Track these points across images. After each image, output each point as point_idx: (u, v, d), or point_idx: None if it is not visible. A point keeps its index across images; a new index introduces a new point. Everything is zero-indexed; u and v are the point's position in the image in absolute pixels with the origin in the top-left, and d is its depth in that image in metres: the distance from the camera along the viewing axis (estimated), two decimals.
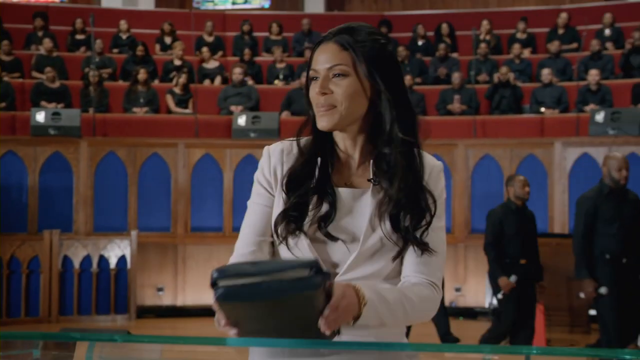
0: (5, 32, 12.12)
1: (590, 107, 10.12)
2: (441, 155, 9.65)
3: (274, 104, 10.89)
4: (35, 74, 11.29)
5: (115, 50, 12.36)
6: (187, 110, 10.72)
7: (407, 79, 11.11)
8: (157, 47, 12.54)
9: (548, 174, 9.53)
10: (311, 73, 1.95)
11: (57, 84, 10.68)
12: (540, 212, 9.49)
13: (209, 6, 16.16)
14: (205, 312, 9.27)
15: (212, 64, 11.91)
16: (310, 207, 1.91)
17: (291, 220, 1.91)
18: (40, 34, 12.09)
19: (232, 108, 10.60)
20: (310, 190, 1.92)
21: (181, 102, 10.83)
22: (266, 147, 2.03)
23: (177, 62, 11.66)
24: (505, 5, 15.07)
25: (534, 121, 10.42)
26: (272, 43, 12.62)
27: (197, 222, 9.64)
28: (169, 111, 10.81)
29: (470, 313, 9.58)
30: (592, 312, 7.56)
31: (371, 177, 1.94)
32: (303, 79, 11.44)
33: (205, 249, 9.51)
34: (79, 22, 12.34)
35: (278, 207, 1.95)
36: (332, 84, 1.91)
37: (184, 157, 9.67)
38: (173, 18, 13.14)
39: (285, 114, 10.56)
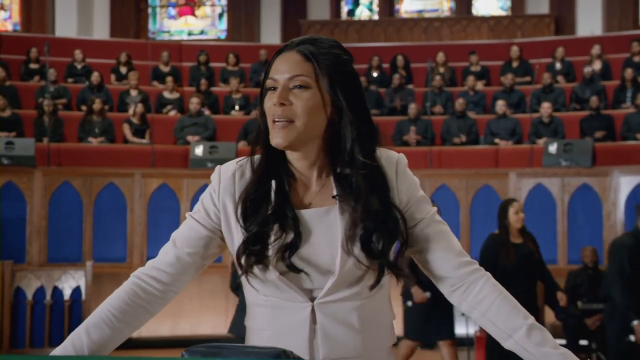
0: None
1: (543, 139, 10.30)
2: None
3: (231, 134, 10.87)
4: None
5: (70, 80, 12.26)
6: (144, 140, 10.65)
7: None
8: (113, 76, 12.46)
9: None
10: (269, 82, 1.81)
11: (8, 113, 10.54)
12: None
13: (165, 37, 16.13)
14: (161, 343, 9.16)
15: (173, 95, 11.85)
16: (272, 236, 1.78)
17: (252, 253, 1.78)
18: None
19: (189, 138, 10.56)
20: (270, 217, 1.78)
21: (138, 132, 10.76)
22: (218, 168, 1.91)
23: (134, 92, 11.60)
24: (458, 38, 15.31)
25: (488, 152, 10.56)
26: (228, 73, 12.63)
27: (154, 253, 9.29)
28: (125, 141, 10.72)
29: None
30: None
31: (335, 193, 1.81)
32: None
33: None
34: (33, 51, 12.22)
35: (237, 239, 1.83)
36: (292, 96, 1.78)
37: (140, 187, 9.59)
38: (129, 48, 13.09)
39: (242, 144, 10.55)
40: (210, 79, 12.41)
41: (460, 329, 7.36)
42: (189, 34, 16.27)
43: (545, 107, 10.75)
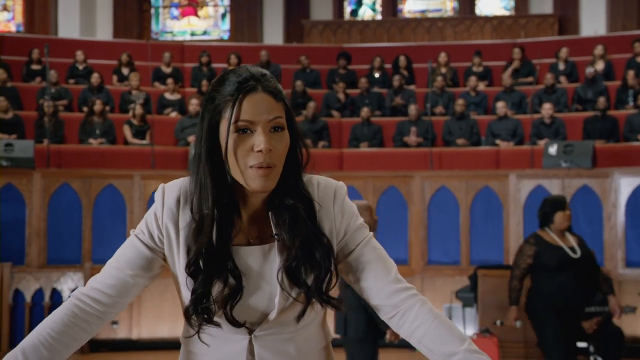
0: None
1: (544, 140, 10.25)
2: (398, 187, 9.71)
3: None
4: None
5: (71, 81, 12.28)
6: (144, 142, 10.65)
7: (365, 111, 11.19)
8: (115, 77, 12.48)
9: (503, 206, 9.62)
10: (243, 125, 1.71)
11: (10, 115, 10.56)
12: (496, 244, 9.58)
13: (168, 37, 16.14)
14: (160, 345, 9.15)
15: (174, 96, 11.86)
16: (215, 290, 1.77)
17: (202, 312, 1.77)
18: None
19: (190, 139, 10.56)
20: (214, 273, 1.75)
21: (139, 133, 10.77)
22: (161, 187, 1.86)
23: (135, 93, 11.61)
24: (461, 38, 15.28)
25: (489, 153, 10.53)
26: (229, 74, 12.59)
27: None
28: (126, 142, 10.73)
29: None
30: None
31: (274, 232, 1.79)
32: None
33: (160, 282, 9.33)
34: (35, 52, 12.24)
35: (180, 270, 1.82)
36: (272, 139, 1.72)
37: (139, 188, 9.59)
38: (131, 49, 13.09)
39: None
40: (211, 80, 12.37)
41: None
42: (192, 34, 16.29)
43: (547, 107, 10.71)
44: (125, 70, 12.46)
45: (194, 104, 10.97)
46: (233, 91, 1.72)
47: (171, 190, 1.84)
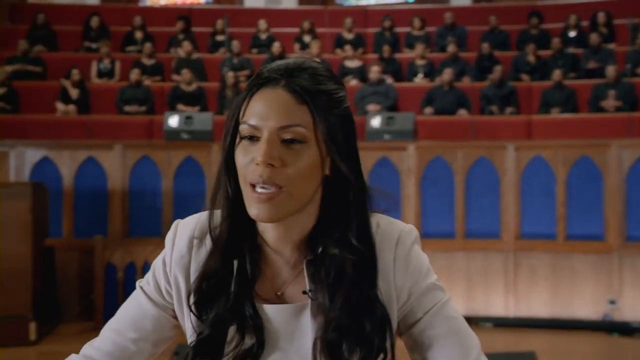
0: (149, 35, 12.29)
1: None
2: (591, 157, 8.91)
3: (413, 102, 10.43)
4: (175, 77, 11.34)
5: (254, 51, 12.26)
6: None
7: (558, 74, 10.38)
8: (296, 46, 12.34)
9: None
10: (246, 129, 1.31)
11: (193, 87, 10.66)
12: None
13: (352, 2, 15.84)
14: None
15: (354, 63, 11.57)
16: (229, 339, 1.34)
17: (206, 358, 1.35)
18: (181, 36, 12.15)
19: (370, 107, 10.22)
20: (226, 315, 1.34)
21: None
22: (174, 225, 1.47)
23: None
24: None
25: None
26: (413, 39, 12.14)
27: None
28: None
29: (627, 329, 8.76)
30: None
31: (307, 288, 1.35)
32: (445, 76, 11.07)
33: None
34: (219, 23, 12.32)
35: (190, 327, 1.40)
36: (283, 153, 1.29)
37: None
38: (313, 16, 12.92)
39: (428, 110, 10.11)
40: (394, 45, 11.98)
41: None
42: None
43: None
44: (306, 38, 12.29)
45: (374, 71, 10.61)
46: (248, 85, 1.33)
47: (184, 229, 1.45)
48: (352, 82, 11.23)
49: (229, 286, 1.35)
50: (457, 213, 9.01)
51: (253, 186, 1.29)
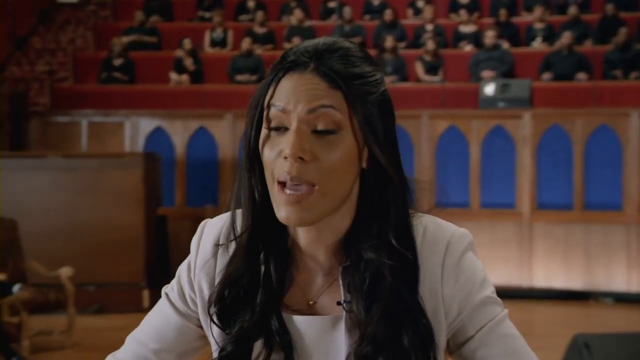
0: (261, 3, 12.27)
1: None
2: None
3: (530, 68, 10.02)
4: (286, 45, 11.29)
5: (366, 17, 12.07)
6: (435, 78, 10.18)
7: None
8: (410, 11, 12.06)
9: None
10: (273, 114, 1.15)
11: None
12: None
13: None
14: None
15: (469, 27, 11.21)
16: (254, 356, 1.19)
17: None
18: (292, 4, 12.07)
19: (484, 74, 9.89)
20: (251, 329, 1.18)
21: (431, 69, 10.32)
22: (202, 225, 1.31)
23: (429, 27, 11.12)
24: None
25: None
26: (532, 1, 11.65)
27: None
28: (418, 79, 10.34)
29: None
30: None
31: (342, 299, 1.18)
32: (564, 40, 10.58)
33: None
34: None
35: (211, 340, 1.27)
36: (314, 145, 1.12)
37: (427, 129, 9.16)
38: None
39: (546, 76, 9.69)
40: (511, 8, 11.53)
41: None
42: None
43: None
44: (420, 3, 11.98)
45: (490, 36, 10.25)
46: (273, 70, 1.17)
47: (211, 230, 1.28)
48: (467, 48, 10.89)
49: (255, 296, 1.20)
50: (575, 184, 8.63)
51: (281, 185, 1.13)
